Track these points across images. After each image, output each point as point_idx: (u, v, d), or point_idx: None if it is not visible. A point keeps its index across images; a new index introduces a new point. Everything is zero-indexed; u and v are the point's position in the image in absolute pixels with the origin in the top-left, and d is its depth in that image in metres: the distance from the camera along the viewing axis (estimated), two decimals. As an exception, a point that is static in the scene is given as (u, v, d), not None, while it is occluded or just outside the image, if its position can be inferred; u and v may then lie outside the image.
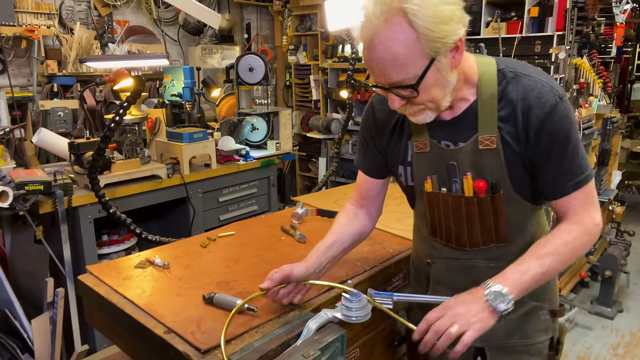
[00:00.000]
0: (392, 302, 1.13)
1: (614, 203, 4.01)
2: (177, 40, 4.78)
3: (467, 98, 1.11)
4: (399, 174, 1.27)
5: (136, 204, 2.63)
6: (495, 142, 1.08)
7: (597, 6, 3.49)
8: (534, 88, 1.06)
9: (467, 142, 1.12)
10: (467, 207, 1.15)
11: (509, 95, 1.08)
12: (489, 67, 1.11)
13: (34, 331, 1.90)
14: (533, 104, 1.05)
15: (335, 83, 5.03)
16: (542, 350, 1.27)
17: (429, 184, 1.19)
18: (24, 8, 3.55)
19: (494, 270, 1.11)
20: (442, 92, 1.04)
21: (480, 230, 1.17)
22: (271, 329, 1.12)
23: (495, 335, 1.22)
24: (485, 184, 1.11)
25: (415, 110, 1.07)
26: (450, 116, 1.13)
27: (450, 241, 1.23)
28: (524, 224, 1.19)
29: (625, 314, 3.36)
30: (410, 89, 1.01)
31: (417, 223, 1.35)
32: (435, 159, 1.17)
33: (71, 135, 3.13)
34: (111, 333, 1.33)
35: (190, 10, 3.04)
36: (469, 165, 1.12)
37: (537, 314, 1.25)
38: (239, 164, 3.12)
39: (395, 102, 1.04)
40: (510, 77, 1.08)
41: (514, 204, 1.14)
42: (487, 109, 1.09)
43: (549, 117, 1.05)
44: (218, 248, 1.60)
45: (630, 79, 6.08)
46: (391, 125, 1.24)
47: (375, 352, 1.48)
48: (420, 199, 1.25)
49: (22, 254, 2.37)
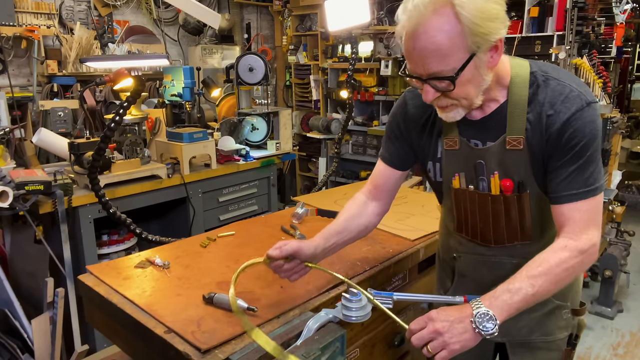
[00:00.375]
0: (392, 302, 1.13)
1: (614, 203, 4.00)
2: (177, 40, 4.78)
3: (497, 99, 1.13)
4: (428, 170, 1.29)
5: (136, 204, 2.63)
6: (522, 143, 1.10)
7: (597, 6, 3.49)
8: (561, 92, 1.07)
9: (495, 142, 1.14)
10: (493, 205, 1.17)
11: (537, 98, 1.09)
12: (522, 69, 1.12)
13: (34, 331, 1.90)
14: (559, 108, 1.06)
15: (335, 83, 5.03)
16: (561, 346, 1.29)
17: (457, 181, 1.21)
18: (24, 8, 3.55)
19: (517, 267, 1.12)
20: (476, 89, 1.06)
21: (506, 228, 1.19)
22: (271, 329, 1.12)
23: (517, 331, 1.25)
24: (512, 183, 1.14)
25: (447, 104, 1.08)
26: (480, 116, 1.15)
27: (475, 237, 1.24)
28: (548, 222, 1.18)
29: (625, 314, 3.36)
30: (447, 80, 1.01)
31: (444, 218, 1.37)
32: (463, 156, 1.18)
33: (71, 135, 3.13)
34: (111, 333, 1.33)
35: (190, 10, 3.04)
36: (496, 164, 1.14)
37: (559, 313, 1.27)
38: (239, 164, 3.12)
39: (429, 93, 1.05)
40: (541, 81, 1.10)
41: (540, 203, 1.15)
42: (516, 111, 1.10)
43: (573, 120, 1.05)
44: (218, 248, 1.60)
45: (630, 79, 6.07)
46: (422, 120, 1.26)
47: (375, 352, 1.48)
48: (448, 195, 1.26)
49: (22, 254, 2.37)
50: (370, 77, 4.71)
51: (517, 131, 1.10)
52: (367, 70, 4.72)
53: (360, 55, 4.52)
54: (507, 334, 1.26)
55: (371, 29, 4.42)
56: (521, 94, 1.10)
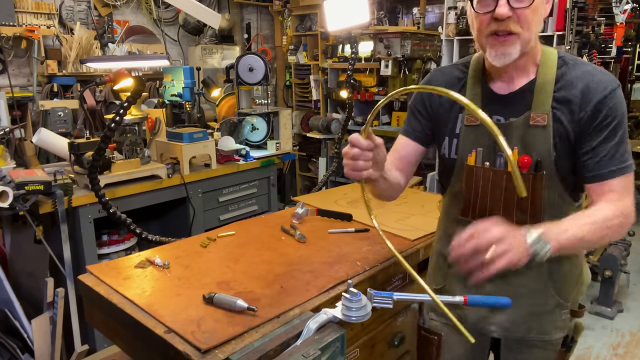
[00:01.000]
0: (392, 302, 1.13)
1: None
2: (177, 40, 4.78)
3: (528, 73, 1.17)
4: (443, 146, 1.29)
5: (136, 204, 2.63)
6: (546, 120, 1.13)
7: (597, 6, 3.49)
8: (594, 74, 1.13)
9: (519, 118, 1.16)
10: (507, 183, 1.18)
11: (567, 78, 1.13)
12: (552, 52, 1.19)
13: (34, 331, 1.90)
14: (593, 87, 1.11)
15: (335, 83, 5.03)
16: (556, 346, 1.30)
17: (473, 157, 1.22)
18: (24, 8, 3.55)
19: None
20: (537, 26, 1.11)
21: (516, 211, 1.19)
22: (271, 328, 1.12)
23: (515, 327, 1.26)
24: (530, 159, 1.15)
25: (514, 31, 1.08)
26: (507, 91, 1.19)
27: (483, 219, 1.23)
28: (558, 213, 1.19)
29: (625, 314, 3.36)
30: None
31: (447, 206, 1.36)
32: (483, 132, 1.19)
33: (71, 135, 3.13)
34: (111, 333, 1.33)
35: (190, 10, 3.04)
36: (517, 140, 1.16)
37: (559, 312, 1.27)
38: (239, 164, 3.12)
39: (504, 7, 1.06)
40: (571, 64, 1.16)
41: (553, 188, 1.17)
42: (544, 88, 1.14)
43: (609, 98, 1.10)
44: (218, 248, 1.60)
45: (630, 79, 6.07)
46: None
47: (375, 352, 1.49)
48: (458, 175, 1.26)
49: (22, 254, 2.37)
50: (370, 77, 4.71)
51: (543, 108, 1.13)
52: (367, 70, 4.72)
53: (360, 55, 4.52)
54: (505, 330, 1.27)
55: (371, 29, 4.42)
56: (550, 72, 1.14)
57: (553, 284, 1.25)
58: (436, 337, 1.34)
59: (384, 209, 1.94)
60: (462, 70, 1.28)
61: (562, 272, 1.26)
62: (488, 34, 1.10)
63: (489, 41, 1.11)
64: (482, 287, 1.24)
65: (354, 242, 1.64)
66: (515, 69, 1.17)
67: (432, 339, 1.34)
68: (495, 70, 1.20)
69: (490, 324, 1.27)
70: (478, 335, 1.30)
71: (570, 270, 1.28)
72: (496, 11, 1.07)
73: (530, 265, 1.14)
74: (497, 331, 1.27)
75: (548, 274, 1.24)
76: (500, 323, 1.27)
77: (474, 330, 1.29)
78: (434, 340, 1.34)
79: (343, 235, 1.70)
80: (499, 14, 1.06)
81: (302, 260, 1.47)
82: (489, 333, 1.29)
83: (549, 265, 1.21)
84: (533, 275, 1.23)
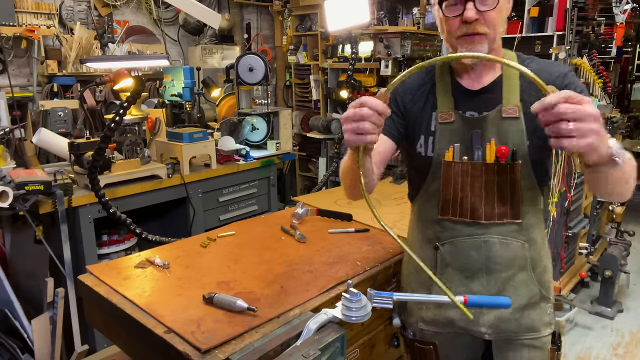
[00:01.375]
0: (392, 302, 1.13)
1: (613, 203, 4.01)
2: (177, 40, 4.77)
3: (495, 70, 1.24)
4: (419, 145, 1.29)
5: (136, 204, 2.63)
6: (517, 111, 1.19)
7: (597, 6, 3.49)
8: (550, 64, 1.24)
9: (492, 111, 1.21)
10: (486, 176, 1.21)
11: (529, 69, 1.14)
12: (510, 52, 1.29)
13: (34, 331, 1.90)
14: (553, 71, 1.20)
15: (335, 83, 5.03)
16: (546, 344, 1.30)
17: (450, 153, 1.23)
18: (24, 8, 3.55)
19: (506, 246, 1.20)
20: (501, 26, 1.19)
21: (497, 203, 1.22)
22: (271, 329, 1.12)
23: (505, 325, 1.26)
24: (507, 150, 1.19)
25: (478, 31, 1.15)
26: (478, 86, 1.24)
27: (464, 215, 1.24)
28: (533, 203, 1.25)
29: (625, 314, 3.36)
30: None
31: (421, 208, 1.34)
32: (459, 128, 1.23)
33: (71, 135, 3.13)
34: (111, 333, 1.33)
35: (190, 10, 3.04)
36: (492, 132, 1.20)
37: (544, 306, 1.29)
38: (239, 164, 3.12)
39: (472, 11, 1.13)
40: (528, 60, 1.26)
41: (528, 179, 1.21)
42: (511, 81, 1.21)
43: (569, 76, 1.21)
44: (218, 248, 1.60)
45: (630, 79, 6.07)
46: (419, 93, 1.30)
47: (375, 352, 1.49)
48: (434, 174, 1.26)
49: (22, 254, 2.37)
50: (370, 77, 4.71)
51: (512, 100, 1.20)
52: (367, 70, 4.72)
53: (360, 55, 4.51)
54: (496, 330, 1.26)
55: (371, 29, 4.42)
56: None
57: (536, 275, 1.26)
58: (432, 347, 1.33)
59: (383, 209, 1.94)
60: (429, 70, 1.31)
61: (540, 262, 1.28)
62: (458, 36, 1.17)
63: (459, 42, 1.18)
64: (469, 285, 1.25)
65: (354, 242, 1.64)
66: (484, 66, 1.24)
67: (428, 350, 1.33)
68: (464, 68, 1.25)
69: (479, 325, 1.27)
70: (470, 338, 1.30)
71: (545, 259, 1.30)
72: (464, 15, 1.14)
73: (517, 254, 1.21)
74: (488, 332, 1.27)
75: (530, 264, 1.25)
76: (489, 322, 1.26)
77: (465, 334, 1.29)
78: (430, 350, 1.33)
79: (343, 235, 1.70)
80: (467, 17, 1.13)
81: (302, 260, 1.48)
82: (480, 335, 1.28)
83: (530, 254, 1.24)
84: (517, 265, 1.24)
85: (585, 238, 3.78)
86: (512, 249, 1.23)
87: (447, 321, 1.30)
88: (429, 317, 1.32)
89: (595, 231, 4.02)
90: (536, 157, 1.21)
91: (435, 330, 1.32)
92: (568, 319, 3.12)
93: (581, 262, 3.76)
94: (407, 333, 1.38)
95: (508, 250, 1.23)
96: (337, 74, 5.02)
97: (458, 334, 1.30)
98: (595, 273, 3.72)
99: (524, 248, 1.24)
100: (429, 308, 1.32)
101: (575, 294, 3.59)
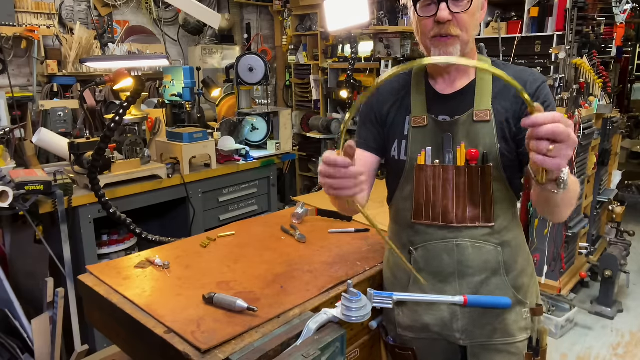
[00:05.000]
0: (392, 302, 1.13)
1: (614, 203, 4.01)
2: (177, 40, 4.78)
3: (468, 74, 1.25)
4: (393, 148, 1.30)
5: (136, 204, 2.63)
6: (489, 115, 1.20)
7: (597, 6, 3.49)
8: (525, 70, 1.24)
9: (463, 115, 1.22)
10: (457, 179, 1.21)
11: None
12: (486, 57, 1.32)
13: (34, 331, 1.90)
14: (529, 79, 1.21)
15: (335, 83, 5.03)
16: (522, 349, 1.28)
17: (422, 157, 1.24)
18: (24, 8, 3.55)
19: (479, 250, 1.20)
20: (474, 29, 1.21)
21: (469, 206, 1.22)
22: (271, 329, 1.12)
23: (480, 331, 1.25)
24: (477, 152, 1.20)
25: (451, 34, 1.16)
26: (450, 91, 1.25)
27: (436, 219, 1.24)
28: (506, 208, 1.25)
29: (625, 314, 3.36)
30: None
31: (397, 213, 1.34)
32: (431, 131, 1.24)
33: (71, 135, 3.13)
34: (111, 333, 1.33)
35: (190, 10, 3.04)
36: (463, 135, 1.21)
37: (520, 311, 1.27)
38: (239, 164, 3.12)
39: (445, 12, 1.14)
40: (502, 66, 1.26)
41: (500, 181, 1.21)
42: (484, 86, 1.23)
43: (542, 87, 1.21)
44: (218, 248, 1.60)
45: (630, 79, 6.08)
46: (393, 99, 1.31)
47: (375, 352, 1.48)
48: (408, 177, 1.27)
49: (22, 254, 2.37)
50: (370, 77, 4.71)
51: (484, 104, 1.21)
52: (367, 70, 4.72)
53: (360, 55, 4.52)
54: (469, 335, 1.25)
55: (371, 29, 4.42)
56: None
57: (510, 280, 1.25)
58: (410, 352, 1.33)
59: (382, 209, 1.94)
60: (405, 75, 1.32)
61: (515, 266, 1.26)
62: (431, 36, 1.18)
63: (433, 42, 1.18)
64: (443, 290, 1.24)
65: (354, 242, 1.64)
66: (457, 70, 1.24)
67: (407, 355, 1.33)
68: (438, 71, 1.26)
69: (453, 330, 1.26)
70: (446, 343, 1.29)
71: (521, 263, 1.28)
72: (438, 15, 1.15)
73: (489, 259, 1.21)
74: (462, 337, 1.26)
75: (503, 268, 1.24)
76: (463, 328, 1.25)
77: (441, 339, 1.29)
78: (409, 356, 1.33)
79: (343, 235, 1.70)
80: (440, 17, 1.15)
81: (302, 260, 1.48)
82: (455, 341, 1.27)
83: (503, 258, 1.23)
84: (490, 269, 1.23)
85: (585, 238, 3.78)
86: (484, 253, 1.22)
87: (422, 326, 1.29)
88: (406, 323, 1.31)
89: (595, 231, 4.03)
90: (508, 160, 1.20)
91: (412, 335, 1.31)
92: (568, 319, 3.12)
93: (581, 262, 3.76)
94: (388, 339, 1.39)
95: (480, 254, 1.22)
96: (337, 74, 5.03)
97: (434, 340, 1.29)
98: (595, 273, 3.72)
99: (497, 252, 1.23)
100: (405, 314, 1.32)
101: (575, 294, 3.59)
